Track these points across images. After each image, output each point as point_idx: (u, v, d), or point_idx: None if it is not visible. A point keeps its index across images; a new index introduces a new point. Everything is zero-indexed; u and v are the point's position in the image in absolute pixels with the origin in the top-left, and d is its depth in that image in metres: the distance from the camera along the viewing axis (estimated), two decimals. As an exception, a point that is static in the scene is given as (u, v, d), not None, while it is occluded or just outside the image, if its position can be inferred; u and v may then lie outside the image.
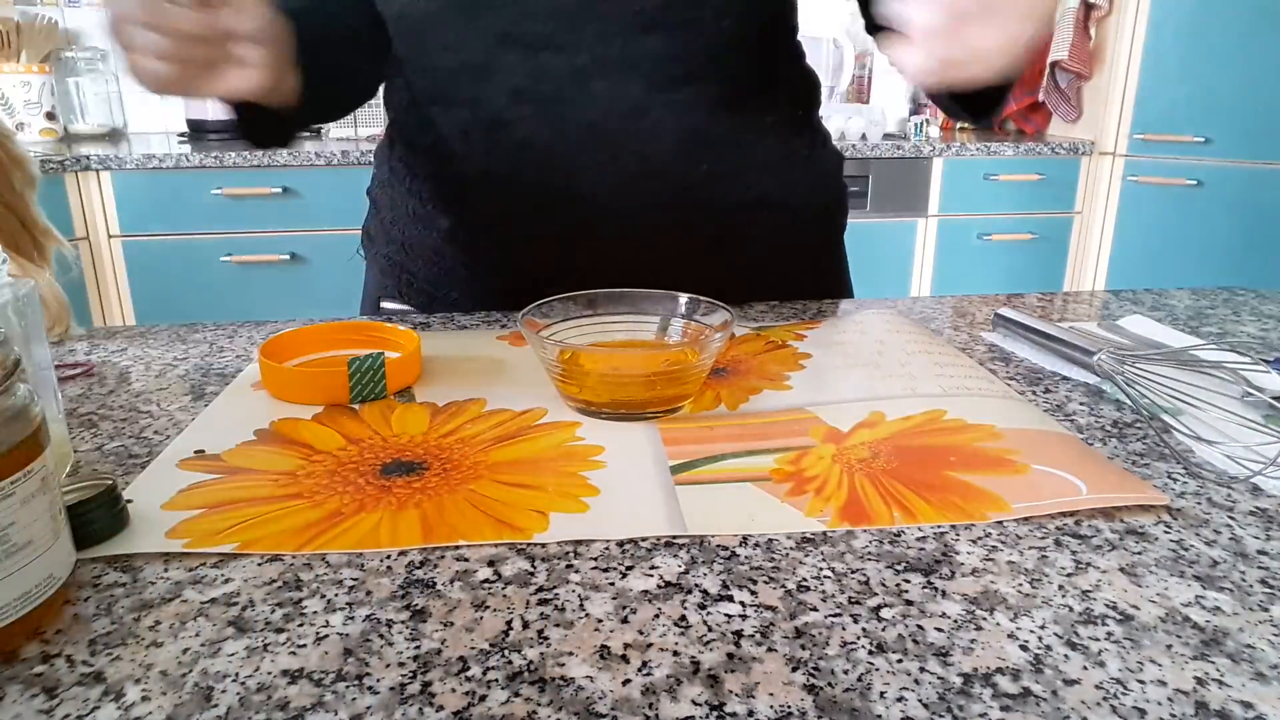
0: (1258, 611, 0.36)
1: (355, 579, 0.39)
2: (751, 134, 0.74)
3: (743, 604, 0.37)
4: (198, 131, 2.48)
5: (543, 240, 0.74)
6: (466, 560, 0.40)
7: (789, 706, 0.31)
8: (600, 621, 0.36)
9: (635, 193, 0.71)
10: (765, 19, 0.73)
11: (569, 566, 0.39)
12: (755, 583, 0.38)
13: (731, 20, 0.69)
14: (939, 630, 0.35)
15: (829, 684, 0.32)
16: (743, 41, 0.71)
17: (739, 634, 0.35)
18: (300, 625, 0.35)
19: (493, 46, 0.66)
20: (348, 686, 0.32)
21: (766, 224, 0.78)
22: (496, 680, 0.32)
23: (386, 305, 0.85)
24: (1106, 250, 2.51)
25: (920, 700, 0.31)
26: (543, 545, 0.41)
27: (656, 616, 0.36)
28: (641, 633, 0.35)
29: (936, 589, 0.38)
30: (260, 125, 0.66)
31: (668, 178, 0.71)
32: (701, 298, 0.60)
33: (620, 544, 0.41)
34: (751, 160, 0.75)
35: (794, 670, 0.33)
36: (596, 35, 0.65)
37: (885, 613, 0.36)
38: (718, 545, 0.41)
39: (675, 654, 0.34)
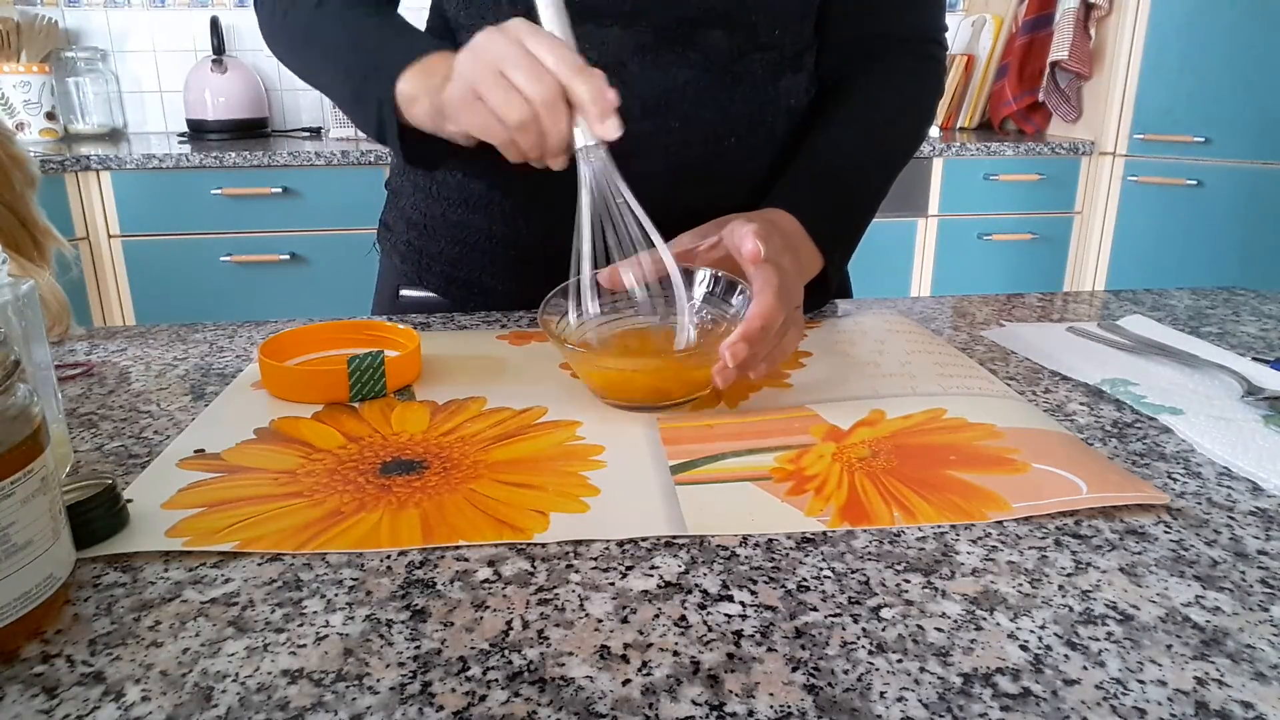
0: (1258, 611, 0.36)
1: (355, 579, 0.38)
2: (784, 115, 0.77)
3: (743, 604, 0.37)
4: (198, 131, 2.48)
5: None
6: (466, 560, 0.40)
7: (789, 706, 0.31)
8: (600, 621, 0.36)
9: (678, 165, 0.73)
10: (809, 20, 0.77)
11: (569, 566, 0.39)
12: (755, 583, 0.38)
13: (785, 29, 0.74)
14: (939, 630, 0.35)
15: (829, 684, 0.32)
16: (791, 35, 0.75)
17: (739, 634, 0.35)
18: (300, 625, 0.35)
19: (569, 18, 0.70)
20: (348, 686, 0.32)
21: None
22: (496, 680, 0.32)
23: (406, 293, 0.86)
24: (1106, 250, 2.51)
25: (920, 700, 0.31)
26: (543, 545, 0.41)
27: (656, 616, 0.36)
28: (641, 633, 0.35)
29: (936, 589, 0.38)
30: (423, 148, 0.67)
31: (709, 153, 0.74)
32: (723, 272, 0.61)
33: (620, 544, 0.41)
34: (770, 138, 0.76)
35: (794, 670, 0.33)
36: (662, 14, 0.69)
37: (885, 613, 0.36)
38: (718, 545, 0.41)
39: (675, 654, 0.34)
